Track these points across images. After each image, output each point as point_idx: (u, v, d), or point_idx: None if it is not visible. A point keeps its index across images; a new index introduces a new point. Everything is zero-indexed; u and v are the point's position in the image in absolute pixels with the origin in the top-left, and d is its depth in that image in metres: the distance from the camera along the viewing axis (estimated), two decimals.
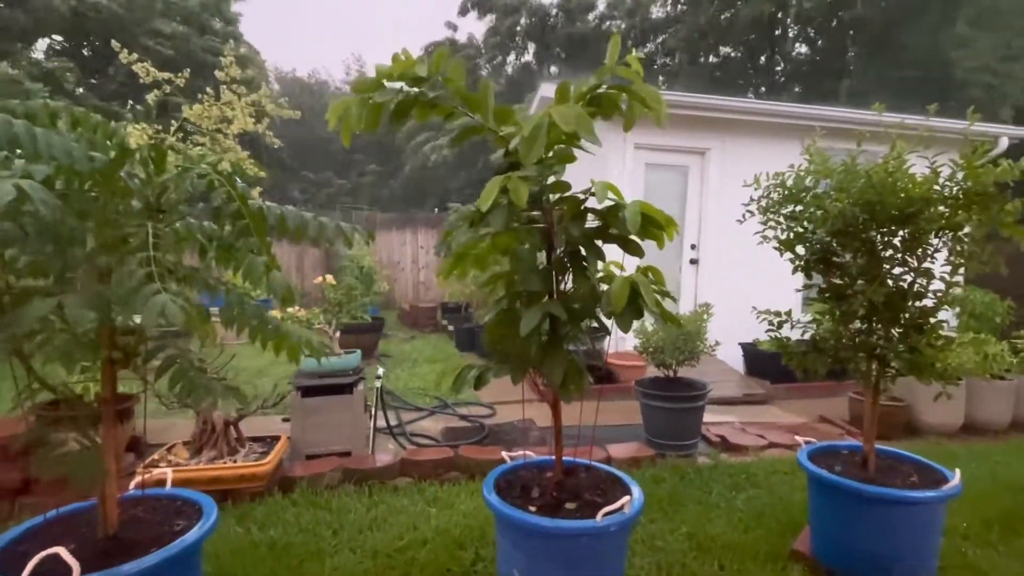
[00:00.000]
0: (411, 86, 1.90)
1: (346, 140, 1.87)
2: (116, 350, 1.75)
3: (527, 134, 1.59)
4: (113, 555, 1.76)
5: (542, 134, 1.59)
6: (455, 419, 4.72)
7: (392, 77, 1.85)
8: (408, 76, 1.85)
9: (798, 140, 2.94)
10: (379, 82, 1.85)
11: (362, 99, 1.84)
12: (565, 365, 2.00)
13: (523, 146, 1.60)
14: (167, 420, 4.28)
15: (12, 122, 1.22)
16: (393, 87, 1.87)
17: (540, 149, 1.59)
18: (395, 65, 1.84)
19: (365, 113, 1.84)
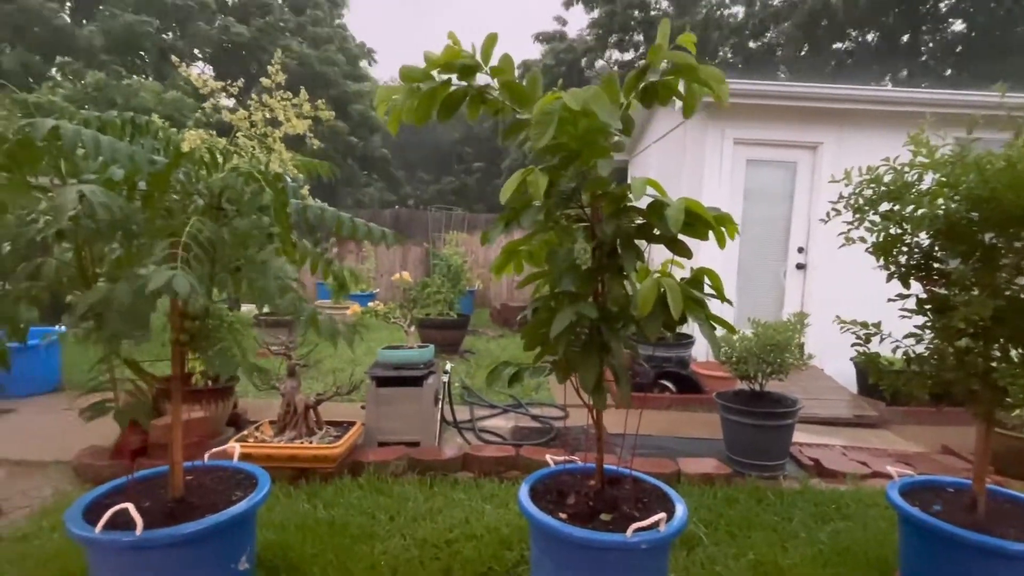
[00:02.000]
0: (461, 78, 1.90)
1: (393, 128, 1.91)
2: (183, 333, 1.96)
3: (536, 117, 1.53)
4: (177, 516, 1.97)
5: (553, 118, 1.52)
6: (528, 419, 4.71)
7: (440, 65, 1.85)
8: (456, 65, 1.84)
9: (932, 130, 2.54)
10: (427, 72, 1.87)
11: (409, 88, 1.87)
12: (598, 370, 1.91)
13: (533, 131, 1.54)
14: (265, 400, 4.71)
15: (82, 131, 1.40)
16: (441, 78, 1.88)
17: (550, 133, 1.53)
18: (445, 53, 1.84)
19: (414, 103, 1.86)
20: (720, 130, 6.18)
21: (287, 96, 1.74)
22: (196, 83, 1.67)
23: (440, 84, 1.86)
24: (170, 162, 1.58)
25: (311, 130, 1.75)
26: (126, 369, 1.94)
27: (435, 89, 1.88)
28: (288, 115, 1.74)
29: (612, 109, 1.54)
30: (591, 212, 2.04)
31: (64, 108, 1.63)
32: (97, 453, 3.58)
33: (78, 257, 1.70)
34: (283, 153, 1.73)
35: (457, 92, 1.92)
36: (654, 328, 1.66)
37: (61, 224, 1.28)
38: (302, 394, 3.64)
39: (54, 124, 1.30)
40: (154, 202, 1.68)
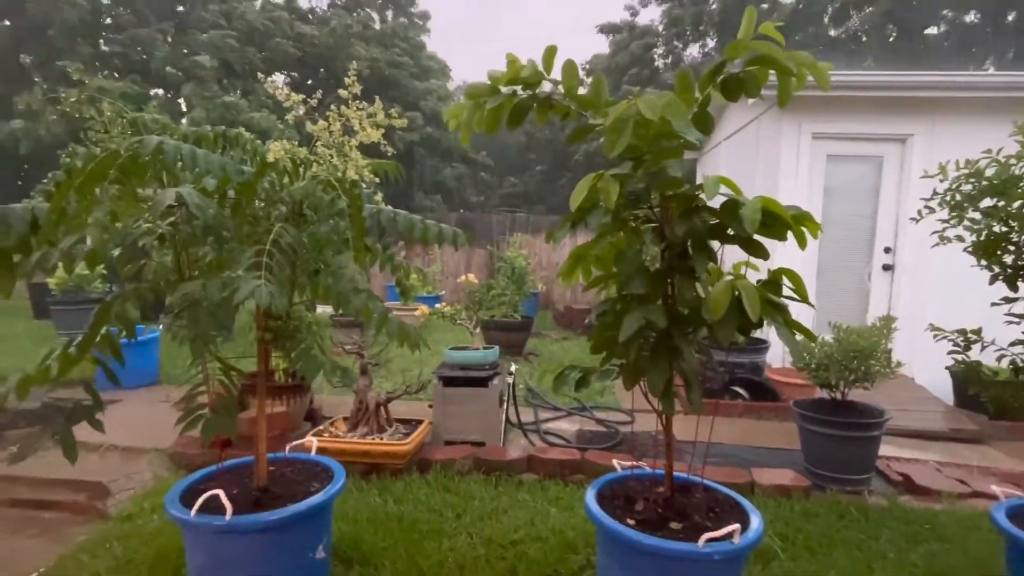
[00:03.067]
0: (525, 89, 1.93)
1: (464, 140, 1.96)
2: (268, 332, 2.08)
3: (609, 124, 1.51)
4: (261, 504, 2.10)
5: (628, 126, 1.50)
6: (593, 422, 4.67)
7: (504, 82, 1.89)
8: (519, 80, 1.88)
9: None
10: (493, 88, 1.91)
11: (475, 103, 1.92)
12: (667, 375, 1.87)
13: (607, 138, 1.53)
14: (338, 397, 4.92)
15: (181, 146, 1.53)
16: (506, 91, 1.92)
17: (624, 142, 1.51)
18: (508, 71, 1.87)
19: (481, 116, 1.91)
20: (796, 124, 5.88)
21: (363, 106, 1.82)
22: (279, 96, 1.78)
23: (506, 98, 1.88)
24: (256, 172, 1.69)
25: (385, 138, 1.82)
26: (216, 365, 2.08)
27: (502, 103, 1.91)
28: (363, 124, 1.82)
29: (687, 118, 1.50)
30: (660, 213, 2.00)
31: (167, 124, 1.78)
32: (190, 442, 3.87)
33: (176, 260, 1.85)
34: (359, 160, 1.81)
35: (524, 101, 1.94)
36: (727, 333, 1.60)
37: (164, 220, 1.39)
38: (373, 392, 3.78)
39: (159, 140, 1.42)
40: (242, 209, 1.80)
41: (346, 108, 1.78)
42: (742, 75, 1.77)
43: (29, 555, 2.91)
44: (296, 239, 1.66)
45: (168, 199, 1.40)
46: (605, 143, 1.53)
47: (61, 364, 1.62)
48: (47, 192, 1.57)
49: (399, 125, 1.82)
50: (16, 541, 3.07)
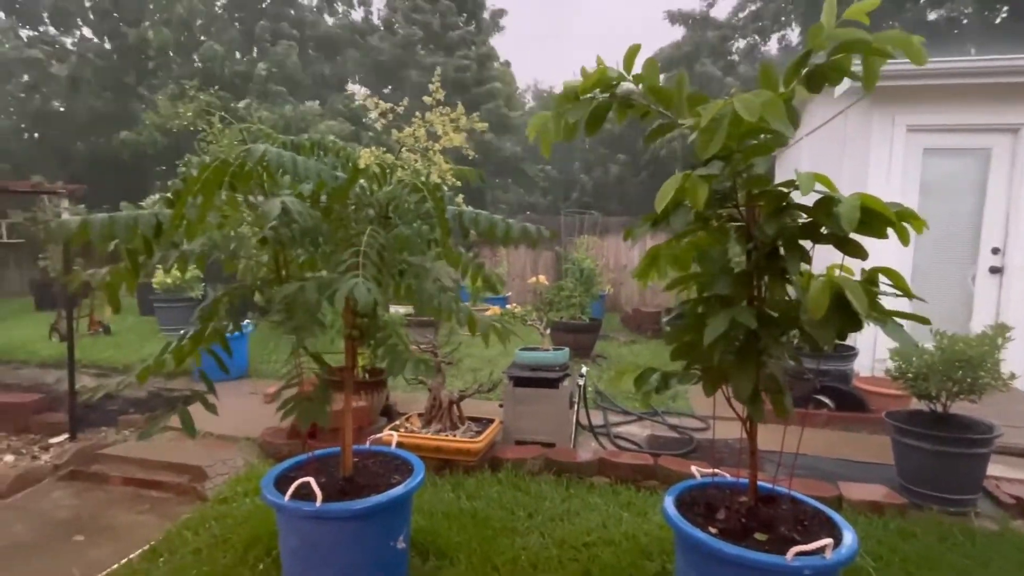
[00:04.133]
0: (604, 91, 1.92)
1: (545, 151, 1.98)
2: (355, 329, 2.18)
3: (704, 125, 1.48)
4: (347, 493, 2.20)
5: (722, 126, 1.46)
6: (664, 428, 4.56)
7: (586, 90, 1.88)
8: (602, 84, 1.87)
9: None
10: (574, 97, 1.91)
11: (558, 113, 1.93)
12: (755, 380, 1.80)
13: (699, 139, 1.50)
14: (411, 394, 5.07)
15: (283, 153, 1.64)
16: (585, 99, 1.91)
17: (719, 142, 1.47)
18: (588, 79, 1.87)
19: (562, 125, 1.91)
20: (889, 117, 5.49)
21: (446, 111, 1.87)
22: (368, 105, 1.87)
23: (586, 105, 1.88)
24: (349, 177, 1.78)
25: (467, 142, 1.86)
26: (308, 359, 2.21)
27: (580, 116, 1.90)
28: (446, 129, 1.88)
29: (785, 117, 1.44)
30: (747, 212, 1.93)
31: (268, 134, 1.90)
32: (277, 432, 4.12)
33: (275, 261, 1.98)
34: (442, 164, 1.87)
35: (602, 105, 1.93)
36: (828, 335, 1.52)
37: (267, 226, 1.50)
38: (446, 390, 3.87)
39: (265, 148, 1.53)
40: (335, 213, 1.90)
41: (431, 114, 1.85)
42: (827, 66, 1.68)
43: (141, 529, 3.20)
44: (386, 241, 1.74)
45: (276, 209, 1.50)
46: (698, 144, 1.50)
47: (176, 356, 1.77)
48: (167, 199, 1.73)
49: (480, 128, 1.87)
50: (130, 515, 3.38)
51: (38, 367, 6.58)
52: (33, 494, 3.66)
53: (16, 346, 7.21)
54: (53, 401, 5.06)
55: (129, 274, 1.67)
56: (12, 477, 3.68)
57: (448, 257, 1.77)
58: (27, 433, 4.62)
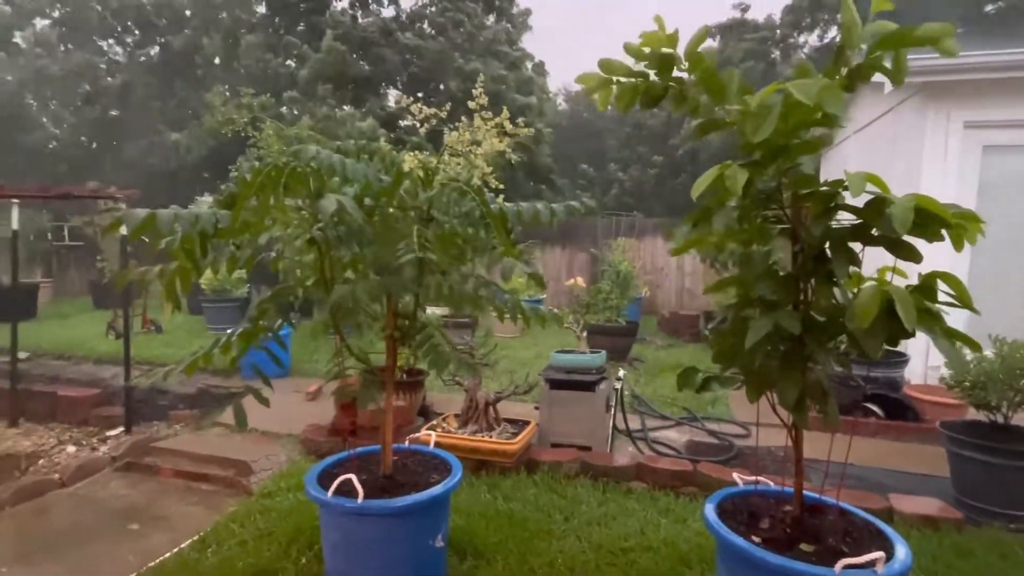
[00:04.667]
0: (659, 74, 1.87)
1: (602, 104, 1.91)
2: (396, 330, 2.23)
3: (754, 109, 1.44)
4: (387, 490, 2.24)
5: (773, 112, 1.42)
6: (703, 433, 4.47)
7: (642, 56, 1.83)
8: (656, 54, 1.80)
9: None
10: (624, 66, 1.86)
11: (605, 79, 1.88)
12: (801, 387, 1.75)
13: (749, 122, 1.45)
14: (447, 395, 5.12)
15: (332, 156, 1.69)
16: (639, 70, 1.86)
17: (769, 127, 1.42)
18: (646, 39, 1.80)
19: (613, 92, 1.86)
20: (944, 113, 5.25)
21: (488, 116, 1.89)
22: (413, 111, 1.90)
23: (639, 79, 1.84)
24: (394, 180, 1.82)
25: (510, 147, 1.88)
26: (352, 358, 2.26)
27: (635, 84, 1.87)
28: (489, 135, 1.90)
29: (841, 100, 1.40)
30: (792, 212, 1.88)
31: (318, 138, 1.96)
32: (318, 430, 4.22)
33: (321, 262, 2.03)
34: (484, 168, 1.89)
35: (657, 86, 1.90)
36: (876, 343, 1.47)
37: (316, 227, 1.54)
38: (483, 391, 3.89)
39: (316, 150, 1.58)
40: (379, 215, 1.94)
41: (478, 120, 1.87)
42: (864, 66, 1.62)
43: (191, 519, 3.33)
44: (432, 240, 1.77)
45: (332, 206, 1.55)
46: (748, 128, 1.46)
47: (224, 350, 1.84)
48: (222, 200, 1.80)
49: (523, 134, 1.88)
50: (181, 506, 3.53)
51: (95, 363, 6.93)
52: (92, 483, 3.85)
53: (76, 343, 7.61)
54: (110, 396, 5.32)
55: (186, 272, 1.75)
56: (74, 467, 3.88)
57: (508, 252, 1.78)
58: (86, 425, 4.86)
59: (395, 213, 1.95)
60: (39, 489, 3.63)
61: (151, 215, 1.64)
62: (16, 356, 5.06)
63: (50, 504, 3.56)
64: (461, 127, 1.91)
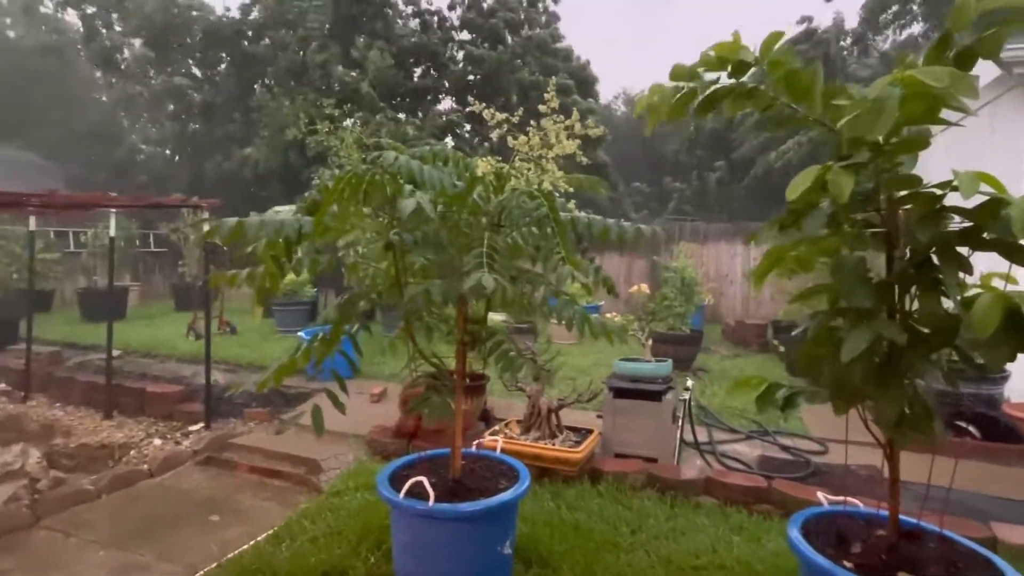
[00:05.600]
0: (731, 76, 1.82)
1: (650, 129, 1.90)
2: (467, 335, 2.24)
3: (870, 104, 1.35)
4: (456, 494, 2.25)
5: (890, 105, 1.32)
6: (775, 448, 4.26)
7: (714, 64, 1.79)
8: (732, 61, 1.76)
9: None
10: (694, 71, 1.83)
11: (675, 87, 1.85)
12: (903, 402, 1.62)
13: (863, 119, 1.36)
14: (510, 400, 5.12)
15: (410, 162, 1.72)
16: (710, 77, 1.82)
17: (887, 122, 1.33)
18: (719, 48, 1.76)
19: (674, 103, 1.83)
20: None
21: (559, 119, 1.88)
22: (485, 116, 1.91)
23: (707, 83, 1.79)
24: (467, 185, 1.84)
25: (580, 149, 1.86)
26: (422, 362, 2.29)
27: (695, 88, 1.82)
28: (560, 137, 1.88)
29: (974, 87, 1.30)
30: (888, 215, 1.76)
31: (395, 146, 2.01)
32: (383, 431, 4.31)
33: (396, 267, 2.07)
34: (555, 172, 1.87)
35: (721, 89, 1.84)
36: (998, 356, 1.34)
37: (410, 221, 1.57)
38: (545, 398, 3.87)
39: (396, 156, 1.62)
40: (451, 220, 1.96)
41: (547, 123, 1.86)
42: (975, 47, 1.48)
43: (266, 513, 3.47)
44: (503, 245, 1.77)
45: (412, 205, 1.58)
46: (861, 124, 1.36)
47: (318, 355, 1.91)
48: (303, 207, 1.87)
49: (594, 135, 1.85)
50: (256, 500, 3.68)
51: (177, 361, 7.38)
52: (176, 475, 4.09)
53: (160, 342, 8.13)
54: (191, 393, 5.65)
55: (274, 276, 1.83)
56: (161, 459, 4.14)
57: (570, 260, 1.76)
58: (171, 420, 5.18)
59: (467, 218, 1.96)
60: (131, 478, 3.89)
61: (239, 223, 1.72)
62: (111, 354, 5.47)
63: (140, 493, 3.80)
64: (531, 131, 1.90)
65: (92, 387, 5.80)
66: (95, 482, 3.75)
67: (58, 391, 6.05)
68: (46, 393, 6.08)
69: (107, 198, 5.11)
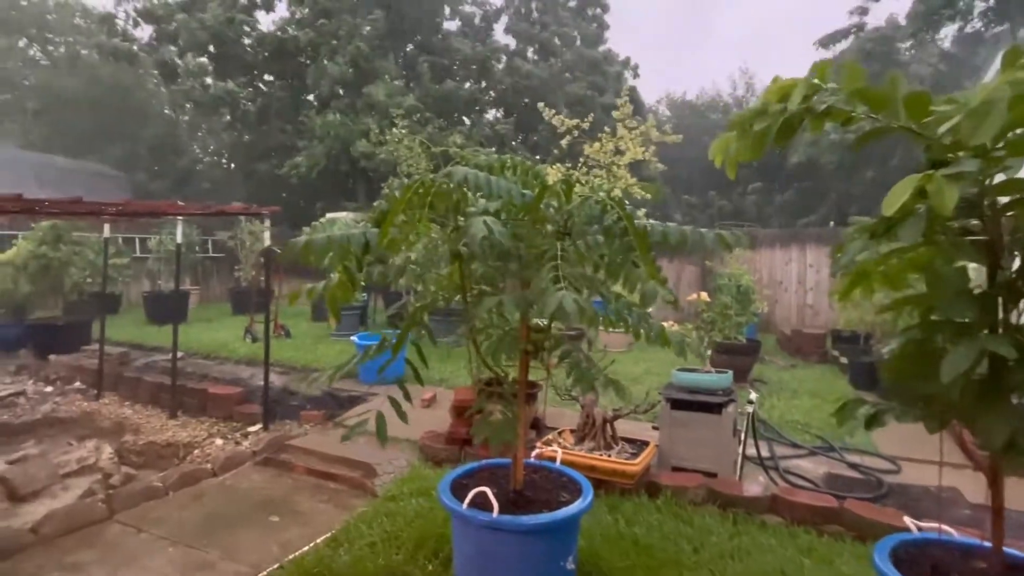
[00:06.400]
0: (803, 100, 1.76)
1: (731, 173, 1.86)
2: (530, 343, 2.21)
3: (975, 106, 1.26)
4: (518, 505, 2.22)
5: (999, 108, 1.23)
6: (842, 466, 4.05)
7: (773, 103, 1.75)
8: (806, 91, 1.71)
9: None
10: (757, 113, 1.78)
11: (741, 130, 1.80)
12: (1013, 423, 1.49)
13: (967, 123, 1.27)
14: (560, 408, 5.06)
15: (479, 174, 1.71)
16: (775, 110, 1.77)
17: (995, 125, 1.24)
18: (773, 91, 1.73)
19: (747, 144, 1.79)
20: None
21: (632, 125, 1.83)
22: (555, 123, 1.89)
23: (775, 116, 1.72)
24: (537, 195, 1.82)
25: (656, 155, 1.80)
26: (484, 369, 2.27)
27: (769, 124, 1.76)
28: (631, 143, 1.83)
29: None
30: (991, 223, 1.64)
31: (464, 156, 2.01)
32: (435, 437, 4.33)
33: (461, 275, 2.07)
34: (627, 179, 1.83)
35: (795, 116, 1.76)
36: None
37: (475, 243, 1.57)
38: (599, 407, 3.79)
39: (465, 170, 1.61)
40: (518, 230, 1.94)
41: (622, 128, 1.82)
42: None
43: (323, 516, 3.53)
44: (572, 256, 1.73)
45: (481, 230, 1.56)
46: (964, 128, 1.28)
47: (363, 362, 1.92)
48: (372, 218, 1.89)
49: (671, 141, 1.80)
50: (313, 502, 3.76)
51: (235, 363, 7.65)
52: (237, 475, 4.22)
53: (219, 345, 8.45)
54: (249, 394, 5.84)
55: (345, 287, 1.85)
56: (223, 459, 4.28)
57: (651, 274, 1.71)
58: (231, 421, 5.36)
59: (537, 228, 1.94)
60: (196, 477, 4.03)
61: (307, 242, 1.76)
62: (176, 355, 5.71)
63: (204, 491, 3.93)
64: (603, 137, 1.86)
65: (158, 387, 6.07)
66: (163, 479, 3.90)
67: (127, 390, 6.36)
68: (116, 392, 6.41)
69: (176, 206, 5.35)
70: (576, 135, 1.79)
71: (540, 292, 1.57)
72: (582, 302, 1.48)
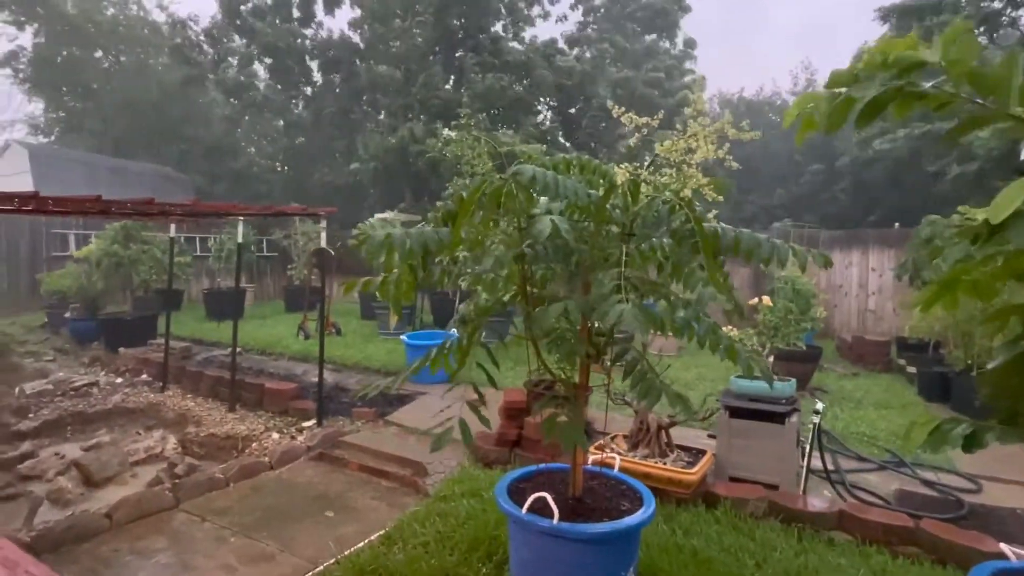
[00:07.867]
0: (899, 76, 1.63)
1: (799, 139, 1.74)
2: (591, 347, 2.16)
3: None
4: (578, 512, 2.17)
5: None
6: (914, 482, 3.81)
7: (882, 66, 1.61)
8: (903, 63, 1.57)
9: None
10: (855, 75, 1.65)
11: (832, 94, 1.68)
12: None
13: None
14: (610, 413, 4.97)
15: (547, 174, 1.67)
16: (875, 78, 1.64)
17: None
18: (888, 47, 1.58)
19: (831, 110, 1.66)
20: None
21: (706, 122, 1.76)
22: (624, 121, 1.83)
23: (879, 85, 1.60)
24: (603, 195, 1.77)
25: (729, 153, 1.72)
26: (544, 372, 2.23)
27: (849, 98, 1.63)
28: (705, 142, 1.76)
29: None
30: None
31: (530, 156, 1.98)
32: (485, 437, 4.32)
33: (522, 275, 2.04)
34: (699, 178, 1.75)
35: (887, 92, 1.63)
36: None
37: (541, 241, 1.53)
38: (654, 414, 3.70)
39: (534, 170, 1.58)
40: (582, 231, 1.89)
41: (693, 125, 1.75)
42: None
43: (376, 513, 3.57)
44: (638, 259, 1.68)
45: (547, 228, 1.53)
46: None
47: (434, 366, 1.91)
48: (438, 218, 1.89)
49: (747, 139, 1.71)
50: (366, 499, 3.81)
51: (289, 360, 7.89)
52: (292, 469, 4.32)
53: (273, 341, 8.73)
54: (303, 390, 5.99)
55: (409, 284, 1.85)
56: (279, 453, 4.39)
57: (713, 279, 1.63)
58: (286, 415, 5.51)
59: (601, 228, 1.89)
60: (254, 469, 4.16)
61: (387, 236, 1.75)
62: (235, 350, 5.92)
63: (262, 484, 4.05)
64: (676, 134, 1.79)
65: (218, 381, 6.31)
66: (224, 471, 4.04)
67: (189, 383, 6.64)
68: (179, 384, 6.70)
69: (238, 207, 5.55)
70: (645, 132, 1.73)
71: (602, 298, 1.51)
72: (642, 316, 1.41)
